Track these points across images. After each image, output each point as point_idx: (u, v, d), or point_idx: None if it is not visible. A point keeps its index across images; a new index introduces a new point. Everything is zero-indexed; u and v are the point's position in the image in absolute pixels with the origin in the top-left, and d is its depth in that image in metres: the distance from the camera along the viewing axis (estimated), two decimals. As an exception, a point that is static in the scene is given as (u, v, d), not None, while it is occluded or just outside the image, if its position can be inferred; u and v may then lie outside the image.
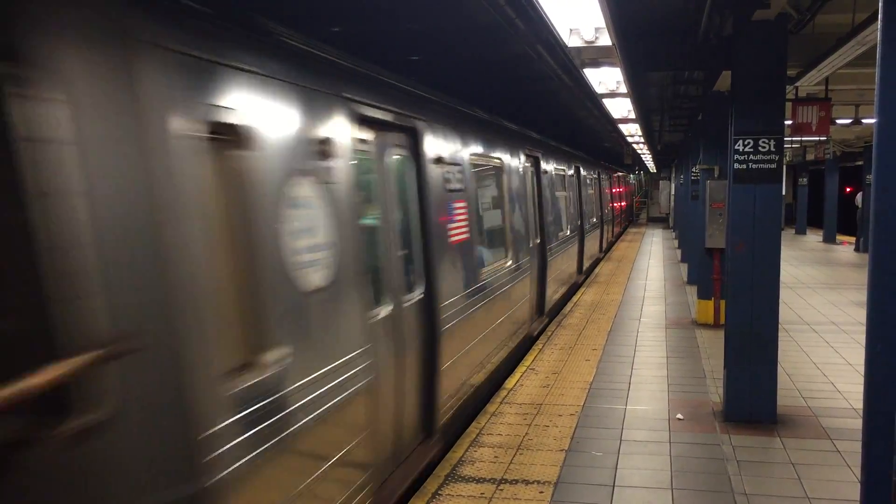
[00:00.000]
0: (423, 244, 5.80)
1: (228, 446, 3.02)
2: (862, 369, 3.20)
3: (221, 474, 2.96)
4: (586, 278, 16.83)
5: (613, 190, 28.27)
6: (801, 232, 30.66)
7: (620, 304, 13.28)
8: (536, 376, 8.36)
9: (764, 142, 6.56)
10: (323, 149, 4.08)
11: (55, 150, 2.38)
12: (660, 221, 40.96)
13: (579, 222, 15.78)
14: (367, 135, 4.90)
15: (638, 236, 31.34)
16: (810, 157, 25.83)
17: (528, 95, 12.49)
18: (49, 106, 2.36)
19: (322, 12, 6.55)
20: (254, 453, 3.19)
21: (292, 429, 3.54)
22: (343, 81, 4.50)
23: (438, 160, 6.24)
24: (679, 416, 6.93)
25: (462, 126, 7.21)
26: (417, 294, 5.65)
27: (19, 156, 2.30)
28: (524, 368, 8.70)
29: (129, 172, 2.62)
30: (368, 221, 4.84)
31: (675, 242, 25.96)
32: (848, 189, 31.38)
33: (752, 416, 6.73)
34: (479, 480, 5.51)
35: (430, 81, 6.73)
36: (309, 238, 3.85)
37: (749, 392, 6.73)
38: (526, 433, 6.51)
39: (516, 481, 5.48)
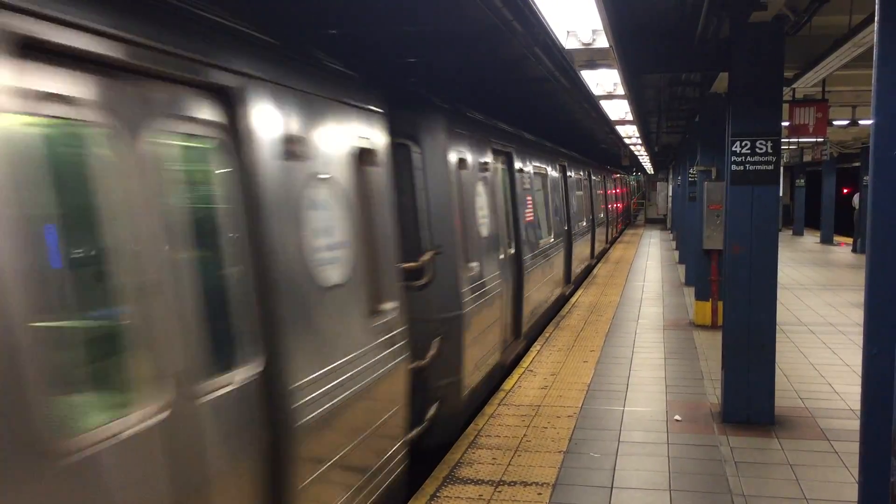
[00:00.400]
0: (514, 220, 9.56)
1: (465, 299, 6.59)
2: (859, 370, 3.20)
3: (465, 310, 6.56)
4: (597, 262, 20.99)
5: (616, 191, 29.85)
6: (798, 233, 30.71)
7: (618, 306, 13.30)
8: (535, 378, 8.36)
9: (761, 143, 6.58)
10: (484, 167, 7.86)
11: (420, 173, 6.27)
12: (657, 223, 41.00)
13: (591, 216, 18.96)
14: (494, 158, 8.53)
15: (636, 237, 31.36)
16: (808, 158, 25.83)
17: (526, 97, 12.50)
18: (418, 155, 6.29)
19: (319, 15, 6.56)
20: (472, 306, 6.78)
21: (480, 301, 7.14)
22: (489, 132, 8.49)
23: (519, 171, 10.02)
24: (677, 417, 6.94)
25: (529, 147, 11.24)
26: (512, 249, 9.31)
27: (415, 176, 6.25)
28: (522, 370, 8.70)
29: (443, 180, 6.36)
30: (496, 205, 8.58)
31: (673, 244, 25.99)
32: (845, 190, 31.43)
33: (750, 417, 6.73)
34: (477, 482, 5.51)
35: (427, 84, 6.87)
36: (481, 210, 7.56)
37: (747, 393, 6.74)
38: (524, 435, 6.51)
39: (515, 483, 5.49)
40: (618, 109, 12.22)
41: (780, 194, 7.09)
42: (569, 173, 15.21)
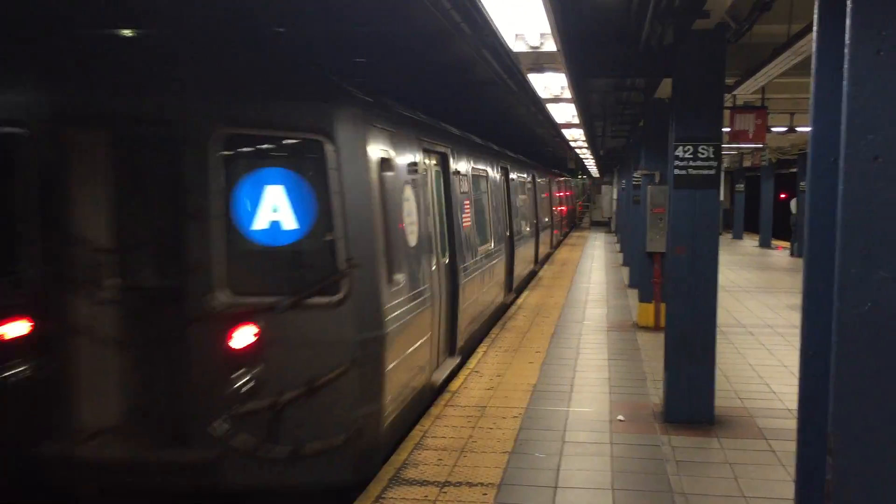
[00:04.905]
0: (536, 211, 18.87)
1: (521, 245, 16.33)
2: (796, 371, 3.28)
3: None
4: (554, 251, 26.15)
5: (566, 193, 32.02)
6: (738, 237, 31.44)
7: (563, 307, 13.42)
8: (480, 379, 8.38)
9: (703, 148, 6.70)
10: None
11: (525, 187, 17.76)
12: (602, 225, 41.53)
13: (549, 218, 24.18)
14: (536, 179, 19.84)
15: (581, 240, 31.74)
16: (747, 163, 26.46)
17: (472, 98, 12.56)
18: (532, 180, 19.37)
19: (267, 12, 6.47)
20: (522, 244, 16.17)
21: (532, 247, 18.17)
22: (540, 169, 22.17)
23: (541, 187, 20.87)
24: (620, 417, 7.02)
25: (538, 172, 20.96)
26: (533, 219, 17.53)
27: (537, 190, 20.38)
28: (468, 371, 8.71)
29: (530, 193, 18.44)
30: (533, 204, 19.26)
31: (617, 246, 26.36)
32: (783, 195, 32.27)
33: (691, 416, 6.85)
34: (422, 483, 5.50)
35: (376, 85, 6.77)
36: (529, 207, 18.08)
37: (688, 393, 6.85)
38: (470, 435, 6.52)
39: (460, 483, 5.49)
40: (565, 113, 12.35)
41: (721, 198, 7.23)
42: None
